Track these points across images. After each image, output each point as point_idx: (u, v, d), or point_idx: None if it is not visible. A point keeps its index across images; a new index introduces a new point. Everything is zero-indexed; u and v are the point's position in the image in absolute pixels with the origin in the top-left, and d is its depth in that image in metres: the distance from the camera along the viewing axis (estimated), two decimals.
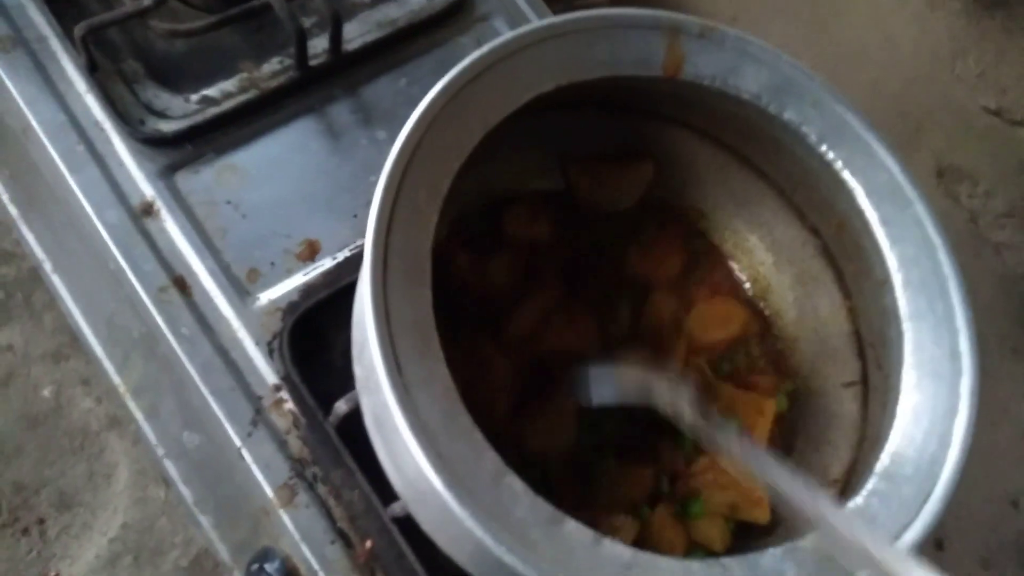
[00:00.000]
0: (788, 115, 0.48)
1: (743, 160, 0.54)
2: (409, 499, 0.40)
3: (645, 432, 0.50)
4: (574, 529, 0.35)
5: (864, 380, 0.50)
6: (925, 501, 0.40)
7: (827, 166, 0.48)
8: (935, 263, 0.46)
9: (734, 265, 0.58)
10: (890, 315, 0.46)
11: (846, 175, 0.47)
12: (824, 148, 0.48)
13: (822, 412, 0.52)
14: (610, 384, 0.45)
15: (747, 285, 0.58)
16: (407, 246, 0.38)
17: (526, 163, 0.54)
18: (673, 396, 0.44)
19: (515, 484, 0.35)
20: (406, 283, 0.37)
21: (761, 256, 0.57)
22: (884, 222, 0.47)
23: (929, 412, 0.43)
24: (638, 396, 0.45)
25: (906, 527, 0.40)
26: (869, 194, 0.47)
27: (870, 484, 0.41)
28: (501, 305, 0.51)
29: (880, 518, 0.40)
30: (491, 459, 0.35)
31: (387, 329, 0.36)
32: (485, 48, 0.42)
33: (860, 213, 0.47)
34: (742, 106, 0.48)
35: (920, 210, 0.47)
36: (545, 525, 0.35)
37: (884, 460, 0.42)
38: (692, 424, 0.44)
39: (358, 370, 0.42)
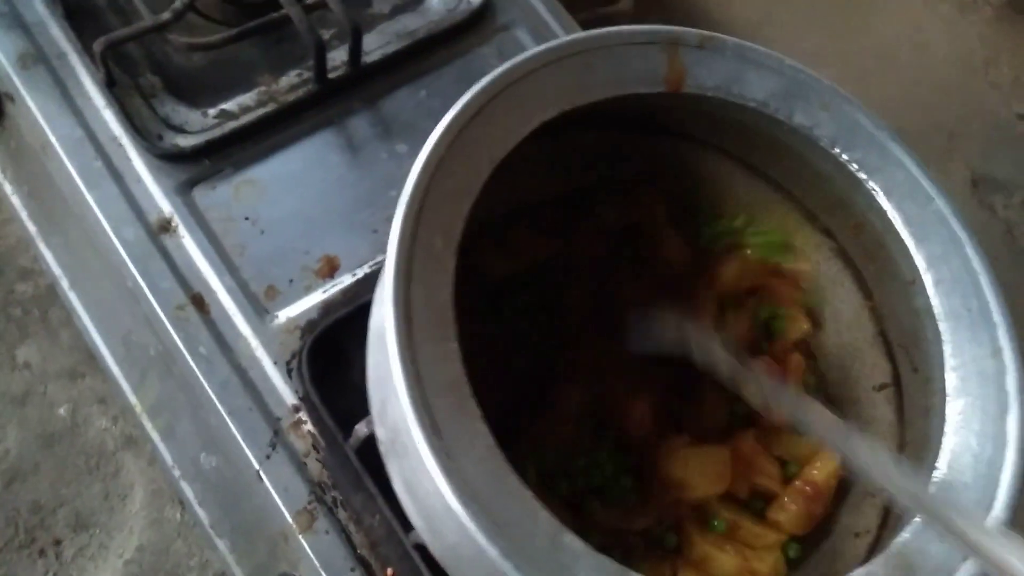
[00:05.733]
0: (798, 119, 0.47)
1: (748, 167, 0.53)
2: (451, 566, 0.39)
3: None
4: None
5: (896, 382, 0.49)
6: (989, 508, 0.39)
7: (842, 168, 0.47)
8: (964, 259, 0.45)
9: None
10: (923, 316, 0.45)
11: (863, 176, 0.46)
12: (838, 150, 0.47)
13: (855, 418, 0.51)
14: (652, 333, 0.48)
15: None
16: (429, 298, 0.36)
17: (538, 183, 0.53)
18: (707, 344, 0.46)
19: (574, 544, 0.33)
20: (433, 339, 0.35)
21: None
22: (908, 222, 0.46)
23: (979, 414, 0.41)
24: (675, 345, 0.47)
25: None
26: (888, 194, 0.46)
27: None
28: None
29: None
30: (545, 519, 0.34)
31: (420, 392, 0.34)
32: (481, 84, 0.41)
33: (881, 213, 0.46)
34: (749, 114, 0.47)
35: (942, 205, 0.46)
36: None
37: (941, 468, 0.40)
38: (726, 371, 0.45)
39: (381, 432, 0.40)
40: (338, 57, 0.63)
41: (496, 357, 0.49)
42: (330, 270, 0.57)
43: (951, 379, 0.42)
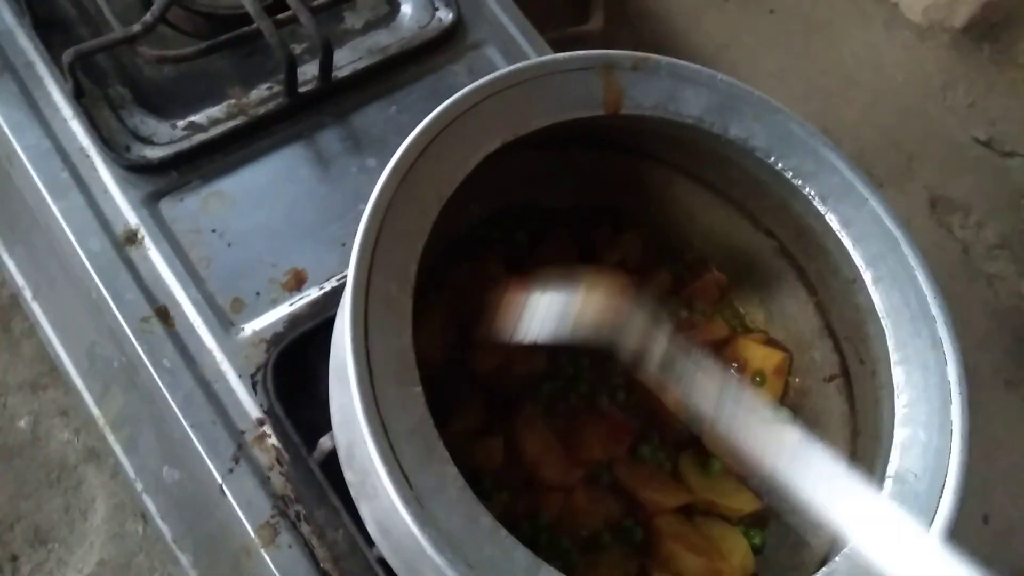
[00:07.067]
0: (733, 132, 0.48)
1: (689, 175, 0.55)
2: None
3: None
4: None
5: (845, 373, 0.51)
6: (940, 495, 0.41)
7: (778, 176, 0.49)
8: (900, 256, 0.47)
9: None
10: (865, 312, 0.47)
11: (798, 182, 0.48)
12: (773, 159, 0.48)
13: (809, 410, 0.53)
14: (562, 315, 0.39)
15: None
16: (389, 345, 0.37)
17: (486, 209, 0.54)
18: (648, 329, 0.43)
19: None
20: (396, 384, 0.36)
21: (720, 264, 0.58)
22: (844, 223, 0.48)
23: (924, 404, 0.43)
24: (598, 333, 0.40)
25: (930, 523, 0.40)
26: (824, 198, 0.48)
27: (887, 488, 0.41)
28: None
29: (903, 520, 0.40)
30: (522, 555, 0.34)
31: (387, 443, 0.34)
32: (423, 124, 0.42)
33: (819, 217, 0.48)
34: (686, 129, 0.49)
35: (876, 206, 0.48)
36: None
37: (894, 461, 0.42)
38: (662, 361, 0.43)
39: (350, 475, 0.40)
40: (309, 71, 0.64)
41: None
42: (297, 283, 0.58)
43: (896, 373, 0.44)
